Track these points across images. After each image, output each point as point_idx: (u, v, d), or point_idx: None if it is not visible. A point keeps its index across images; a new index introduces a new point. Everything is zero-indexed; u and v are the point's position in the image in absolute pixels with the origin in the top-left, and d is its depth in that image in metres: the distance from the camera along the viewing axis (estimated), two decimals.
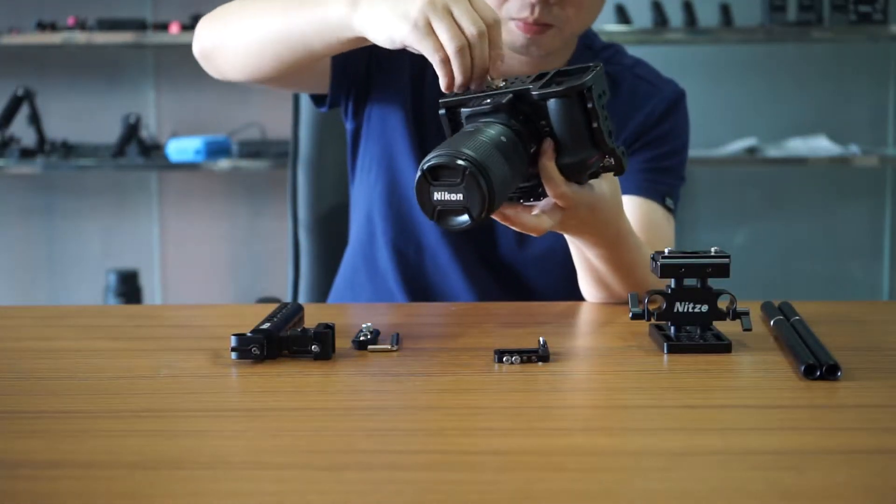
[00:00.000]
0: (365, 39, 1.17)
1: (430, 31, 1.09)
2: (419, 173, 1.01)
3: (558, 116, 1.08)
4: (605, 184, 1.15)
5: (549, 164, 1.08)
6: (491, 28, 1.10)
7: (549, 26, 1.34)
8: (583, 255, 1.26)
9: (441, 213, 1.02)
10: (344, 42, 1.21)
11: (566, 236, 1.25)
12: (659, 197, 1.45)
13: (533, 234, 1.13)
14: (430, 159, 1.01)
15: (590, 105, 1.07)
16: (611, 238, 1.22)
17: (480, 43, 1.09)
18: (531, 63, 1.41)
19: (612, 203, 1.18)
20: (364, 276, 1.52)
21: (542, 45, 1.36)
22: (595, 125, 1.08)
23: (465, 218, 1.02)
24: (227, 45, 1.37)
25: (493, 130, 1.05)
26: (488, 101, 1.09)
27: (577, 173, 1.11)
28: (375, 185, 1.49)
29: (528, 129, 1.09)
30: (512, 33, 1.35)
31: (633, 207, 1.43)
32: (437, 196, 1.02)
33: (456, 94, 1.12)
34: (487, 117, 1.08)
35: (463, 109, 1.10)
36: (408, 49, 1.12)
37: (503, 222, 1.11)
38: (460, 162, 1.00)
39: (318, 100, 1.49)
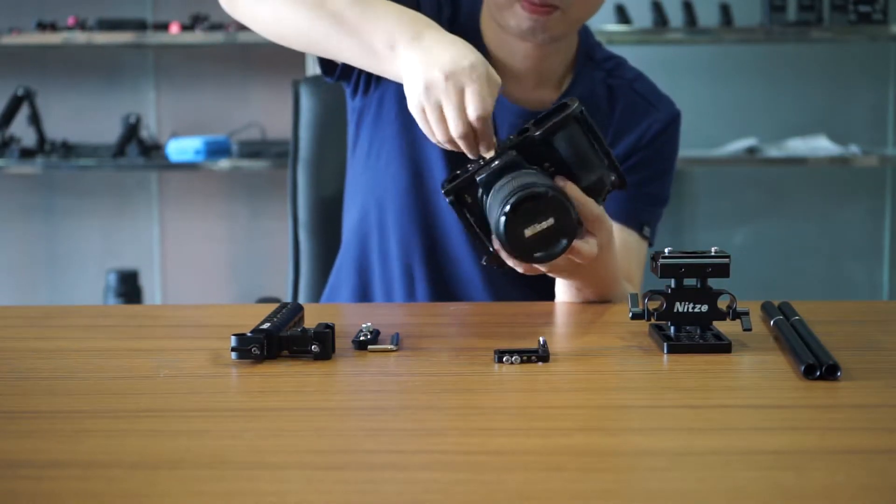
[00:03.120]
0: None
1: (425, 118, 1.15)
2: (504, 217, 1.02)
3: (566, 145, 1.13)
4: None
5: (576, 192, 1.12)
6: (478, 126, 1.13)
7: (555, 8, 1.35)
8: (579, 294, 1.31)
9: (536, 247, 1.04)
10: (366, 68, 1.25)
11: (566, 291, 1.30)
12: (637, 226, 1.48)
13: (581, 262, 1.17)
14: (508, 200, 1.02)
15: (590, 124, 1.13)
16: (611, 269, 1.28)
17: (465, 142, 1.14)
18: (535, 52, 1.42)
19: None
20: (372, 257, 1.51)
21: (548, 28, 1.37)
22: (597, 144, 1.14)
23: (563, 242, 1.04)
24: (260, 12, 1.31)
25: (529, 173, 1.08)
26: (496, 162, 1.11)
27: (596, 195, 1.15)
28: (387, 170, 1.48)
29: None
30: (517, 16, 1.36)
31: None
32: (528, 232, 1.03)
33: (455, 178, 1.14)
34: (509, 172, 1.10)
35: (477, 177, 1.11)
36: None
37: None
38: (539, 190, 1.02)
39: (327, 69, 1.48)
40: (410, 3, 1.33)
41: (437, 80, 1.13)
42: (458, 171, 1.14)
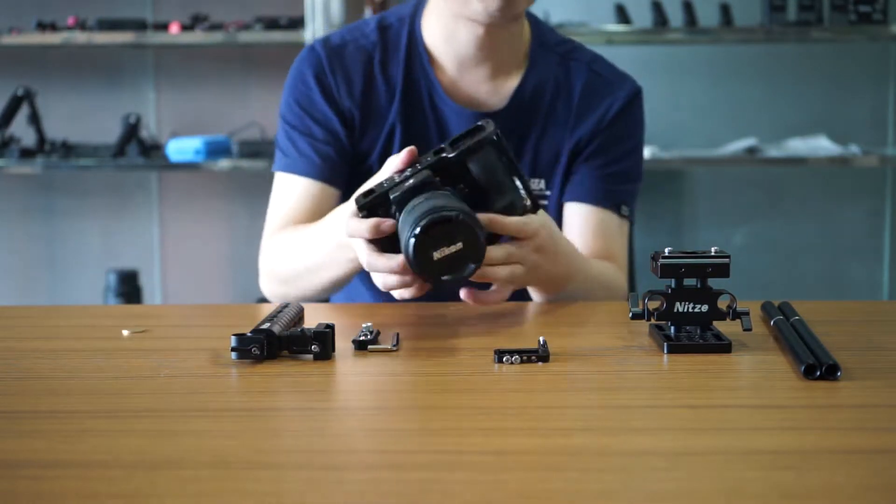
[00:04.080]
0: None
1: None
2: (413, 238, 1.04)
3: (480, 168, 1.15)
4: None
5: (488, 214, 1.15)
6: (373, 267, 1.15)
7: None
8: (537, 294, 1.34)
9: (444, 270, 1.05)
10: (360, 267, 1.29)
11: (533, 292, 1.33)
12: (614, 206, 1.49)
13: (505, 288, 1.20)
14: (419, 222, 1.03)
15: (505, 147, 1.16)
16: (576, 263, 1.31)
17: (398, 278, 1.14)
18: (488, 39, 1.45)
19: (554, 226, 1.27)
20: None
21: (515, 5, 1.39)
22: (511, 168, 1.16)
23: (471, 267, 1.05)
24: (289, 295, 1.46)
25: (442, 194, 1.10)
26: (411, 181, 1.12)
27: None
28: None
29: None
30: (486, 0, 1.38)
31: (586, 215, 1.49)
32: (436, 255, 1.04)
33: (370, 193, 1.15)
34: (423, 192, 1.11)
35: (391, 195, 1.13)
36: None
37: (479, 279, 1.16)
38: (450, 214, 1.03)
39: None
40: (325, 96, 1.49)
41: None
42: (373, 188, 1.15)
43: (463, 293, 1.20)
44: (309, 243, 1.38)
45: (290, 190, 1.50)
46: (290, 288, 1.43)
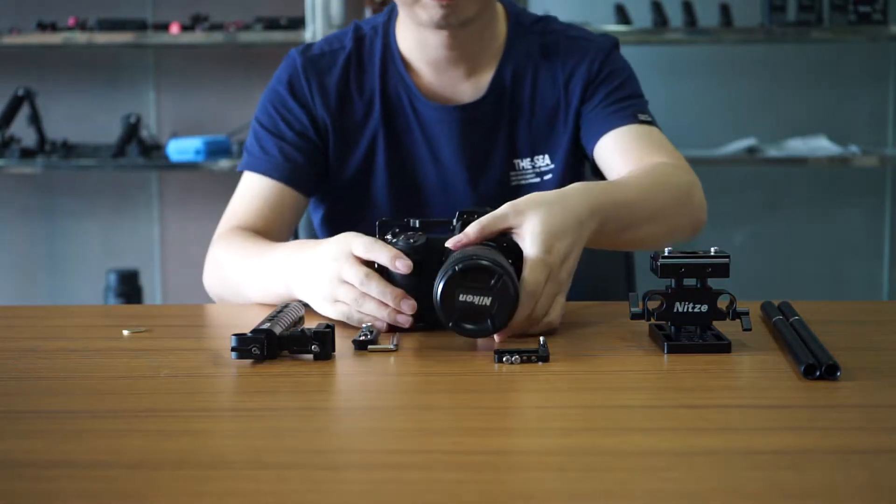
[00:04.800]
0: None
1: (340, 302, 1.14)
2: (450, 272, 1.02)
3: None
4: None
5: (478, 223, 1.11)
6: (365, 286, 1.11)
7: None
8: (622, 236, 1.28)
9: (461, 317, 1.03)
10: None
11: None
12: (632, 118, 1.49)
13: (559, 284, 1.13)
14: (462, 262, 1.02)
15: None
16: (595, 191, 1.22)
17: (366, 302, 1.11)
18: (453, 39, 1.45)
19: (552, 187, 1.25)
20: None
21: (459, 11, 1.39)
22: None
23: (489, 326, 1.03)
24: (229, 301, 1.44)
25: (494, 250, 1.08)
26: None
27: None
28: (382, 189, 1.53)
29: None
30: (428, 8, 1.39)
31: (613, 141, 1.48)
32: (462, 297, 1.02)
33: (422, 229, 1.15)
34: (476, 245, 1.11)
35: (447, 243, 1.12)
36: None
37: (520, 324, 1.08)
38: (492, 268, 1.02)
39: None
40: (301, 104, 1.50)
41: (324, 291, 1.15)
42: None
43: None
44: (257, 259, 1.34)
45: (250, 188, 1.51)
46: (225, 292, 1.43)
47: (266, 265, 1.30)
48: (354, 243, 1.13)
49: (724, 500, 0.66)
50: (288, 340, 1.01)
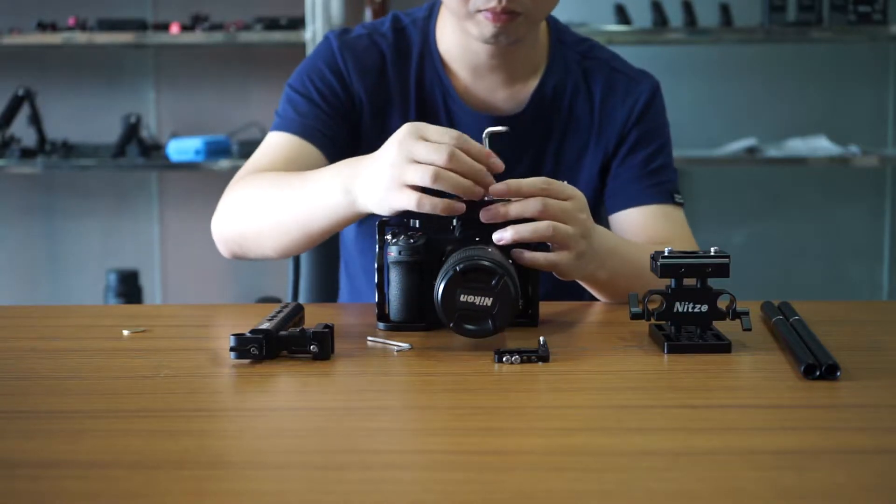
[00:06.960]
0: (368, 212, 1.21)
1: (408, 188, 1.12)
2: (451, 272, 1.02)
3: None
4: None
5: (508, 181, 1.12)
6: (458, 145, 1.10)
7: (517, 14, 1.36)
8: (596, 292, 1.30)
9: (462, 318, 1.03)
10: (353, 220, 1.25)
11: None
12: (668, 197, 1.46)
13: (561, 260, 1.16)
14: (464, 263, 1.02)
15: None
16: (615, 239, 1.25)
17: (457, 161, 1.10)
18: (500, 52, 1.43)
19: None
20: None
21: (511, 32, 1.38)
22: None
23: (489, 326, 1.03)
24: (248, 246, 1.38)
25: (498, 254, 1.08)
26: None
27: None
28: None
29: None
30: (480, 24, 1.37)
31: (643, 216, 1.46)
32: (463, 297, 1.02)
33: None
34: (480, 245, 1.11)
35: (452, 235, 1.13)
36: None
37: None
38: (493, 269, 1.01)
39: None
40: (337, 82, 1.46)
41: (394, 157, 1.13)
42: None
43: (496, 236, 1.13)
44: (301, 179, 1.30)
45: (275, 144, 1.46)
46: (250, 227, 1.36)
47: (315, 181, 1.26)
48: (424, 126, 1.13)
49: (724, 500, 0.66)
50: (287, 340, 1.01)
